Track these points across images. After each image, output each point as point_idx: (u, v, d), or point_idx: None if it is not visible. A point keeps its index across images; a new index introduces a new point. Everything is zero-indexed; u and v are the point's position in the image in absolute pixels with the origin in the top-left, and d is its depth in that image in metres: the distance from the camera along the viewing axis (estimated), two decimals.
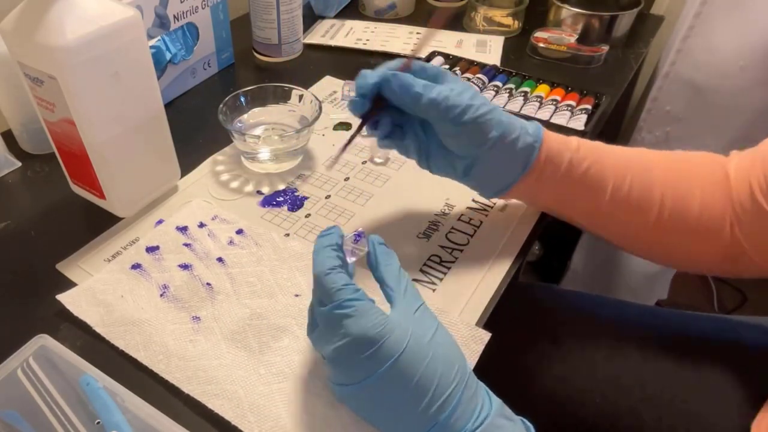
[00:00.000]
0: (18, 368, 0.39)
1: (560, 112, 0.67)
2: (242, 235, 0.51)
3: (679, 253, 0.49)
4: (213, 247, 0.50)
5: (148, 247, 0.49)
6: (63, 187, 0.54)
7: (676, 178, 0.46)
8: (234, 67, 0.79)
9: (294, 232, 0.52)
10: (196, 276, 0.47)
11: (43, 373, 0.39)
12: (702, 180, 0.46)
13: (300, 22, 0.78)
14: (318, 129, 0.65)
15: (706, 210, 0.45)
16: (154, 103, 0.50)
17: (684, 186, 0.46)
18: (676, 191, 0.46)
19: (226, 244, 0.50)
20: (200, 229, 0.51)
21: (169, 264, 0.48)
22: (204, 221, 0.52)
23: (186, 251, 0.49)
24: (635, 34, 0.86)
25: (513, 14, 0.86)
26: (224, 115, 0.57)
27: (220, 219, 0.53)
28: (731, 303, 1.34)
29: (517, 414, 0.35)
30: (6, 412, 0.37)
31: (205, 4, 0.69)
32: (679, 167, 0.47)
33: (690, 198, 0.45)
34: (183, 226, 0.52)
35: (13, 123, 0.60)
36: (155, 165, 0.53)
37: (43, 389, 0.38)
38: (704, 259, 0.48)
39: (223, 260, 0.49)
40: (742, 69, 0.84)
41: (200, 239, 0.50)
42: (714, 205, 0.45)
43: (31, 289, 0.46)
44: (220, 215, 0.53)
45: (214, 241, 0.50)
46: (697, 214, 0.45)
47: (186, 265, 0.48)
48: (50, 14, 0.40)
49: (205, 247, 0.50)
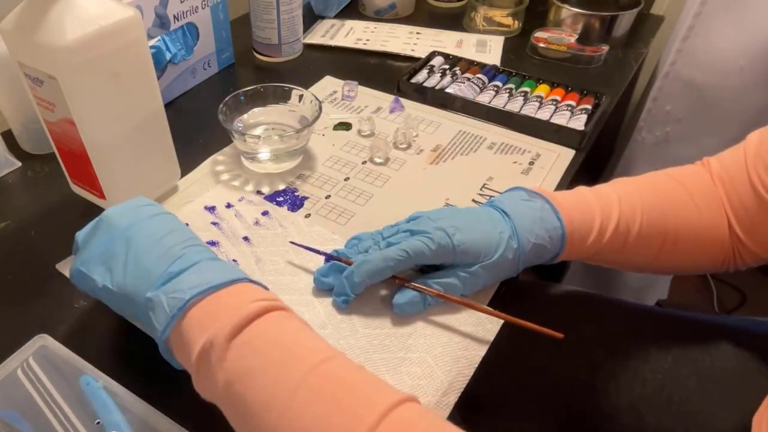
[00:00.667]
0: (18, 368, 0.39)
1: (560, 112, 0.67)
2: (268, 216, 0.53)
3: (685, 264, 0.50)
4: (239, 227, 0.52)
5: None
6: (63, 187, 0.54)
7: (674, 199, 0.47)
8: (234, 67, 0.79)
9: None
10: (222, 252, 0.49)
11: (43, 373, 0.39)
12: (696, 192, 0.47)
13: (300, 22, 0.78)
14: (318, 129, 0.65)
15: (706, 220, 0.47)
16: (154, 103, 0.50)
17: (682, 204, 0.47)
18: (676, 211, 0.47)
19: (252, 224, 0.52)
20: (227, 210, 0.53)
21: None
22: (231, 202, 0.54)
23: (213, 229, 0.51)
24: (635, 34, 0.87)
25: (513, 14, 0.86)
26: (224, 115, 0.57)
27: (246, 201, 0.55)
28: (731, 303, 1.34)
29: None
30: (6, 412, 0.37)
31: (205, 4, 0.69)
32: (672, 186, 0.48)
33: (691, 214, 0.47)
34: (211, 206, 0.54)
35: (13, 123, 0.60)
36: (155, 165, 0.53)
37: (43, 389, 0.38)
38: (707, 262, 0.49)
39: (249, 239, 0.50)
40: (742, 69, 0.84)
41: (227, 219, 0.52)
42: (712, 212, 0.47)
43: (31, 289, 0.46)
44: (246, 197, 0.55)
45: (240, 220, 0.52)
46: (700, 226, 0.47)
47: (213, 242, 0.50)
48: (50, 14, 0.40)
49: (231, 226, 0.52)
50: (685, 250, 0.48)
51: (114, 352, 0.42)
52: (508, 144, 0.63)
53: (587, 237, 0.45)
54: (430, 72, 0.74)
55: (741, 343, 0.54)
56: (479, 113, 0.67)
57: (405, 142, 0.63)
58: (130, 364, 0.41)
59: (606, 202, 0.46)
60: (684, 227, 0.47)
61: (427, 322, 0.43)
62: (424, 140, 0.64)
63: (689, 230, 0.47)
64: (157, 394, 0.39)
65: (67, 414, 0.37)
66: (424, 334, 0.42)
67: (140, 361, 0.41)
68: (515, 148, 0.63)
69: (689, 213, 0.47)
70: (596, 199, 0.46)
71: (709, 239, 0.47)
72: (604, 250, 0.46)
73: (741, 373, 0.51)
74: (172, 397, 0.39)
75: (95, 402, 0.37)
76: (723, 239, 0.47)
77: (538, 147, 0.63)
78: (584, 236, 0.45)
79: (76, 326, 0.43)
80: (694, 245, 0.48)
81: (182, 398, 0.38)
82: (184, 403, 0.38)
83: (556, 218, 0.44)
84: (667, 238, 0.47)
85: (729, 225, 0.47)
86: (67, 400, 0.38)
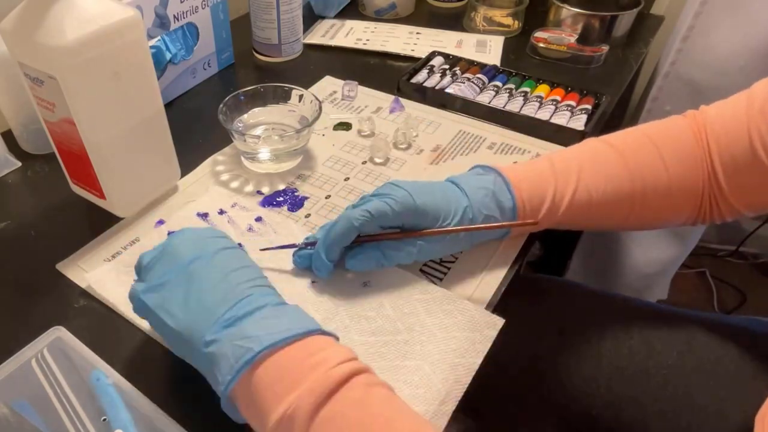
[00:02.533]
0: (33, 359, 0.40)
1: (560, 112, 0.67)
2: (261, 222, 0.52)
3: (657, 221, 0.51)
4: (233, 234, 0.51)
5: (170, 232, 0.50)
6: (63, 187, 0.54)
7: (642, 160, 0.47)
8: (234, 67, 0.79)
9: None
10: None
11: (56, 365, 0.39)
12: (666, 151, 0.47)
13: (300, 22, 0.78)
14: (318, 129, 0.65)
15: (675, 178, 0.47)
16: (154, 103, 0.50)
17: (649, 165, 0.47)
18: (643, 172, 0.47)
19: (246, 230, 0.51)
20: (220, 216, 0.53)
21: None
22: (224, 208, 0.53)
23: None
24: (635, 34, 0.86)
25: (513, 14, 0.86)
26: (224, 115, 0.57)
27: (239, 206, 0.54)
28: (731, 303, 1.34)
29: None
30: (17, 402, 0.37)
31: (205, 4, 0.69)
32: (642, 144, 0.48)
33: (659, 174, 0.47)
34: (204, 212, 0.53)
35: (13, 123, 0.60)
36: (155, 165, 0.53)
37: (54, 381, 0.39)
38: (679, 218, 0.50)
39: (243, 246, 0.50)
40: (742, 69, 0.84)
41: (220, 225, 0.52)
42: (683, 169, 0.47)
43: (31, 289, 0.46)
44: (239, 203, 0.54)
45: (233, 227, 0.52)
46: (669, 186, 0.47)
47: None
48: (50, 14, 0.40)
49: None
50: (655, 209, 0.48)
51: (127, 350, 0.42)
52: (508, 144, 0.63)
53: (539, 208, 0.46)
54: (430, 72, 0.74)
55: (743, 343, 0.54)
56: (479, 113, 0.67)
57: (405, 142, 0.63)
58: (142, 364, 0.41)
59: (564, 172, 0.47)
60: (651, 188, 0.47)
61: (423, 327, 0.43)
62: (424, 140, 0.64)
63: (657, 191, 0.47)
64: (167, 396, 0.39)
65: (76, 408, 0.37)
66: (420, 341, 0.42)
67: (153, 361, 0.41)
68: (515, 148, 0.63)
69: (657, 173, 0.47)
70: (552, 170, 0.47)
71: (679, 197, 0.47)
72: (565, 220, 0.47)
73: (743, 371, 0.51)
74: (181, 400, 0.39)
75: (103, 398, 0.37)
76: (695, 195, 0.47)
77: (538, 147, 0.63)
78: (536, 208, 0.46)
79: (76, 326, 0.43)
80: (664, 204, 0.48)
81: (191, 403, 0.38)
82: (193, 408, 0.38)
83: (507, 191, 0.46)
84: (634, 201, 0.47)
85: (710, 178, 0.46)
86: (77, 394, 0.38)
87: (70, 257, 0.49)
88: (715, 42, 0.86)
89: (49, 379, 0.39)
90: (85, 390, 0.38)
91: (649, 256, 1.04)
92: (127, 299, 0.39)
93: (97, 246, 0.50)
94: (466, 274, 0.48)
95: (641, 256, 1.04)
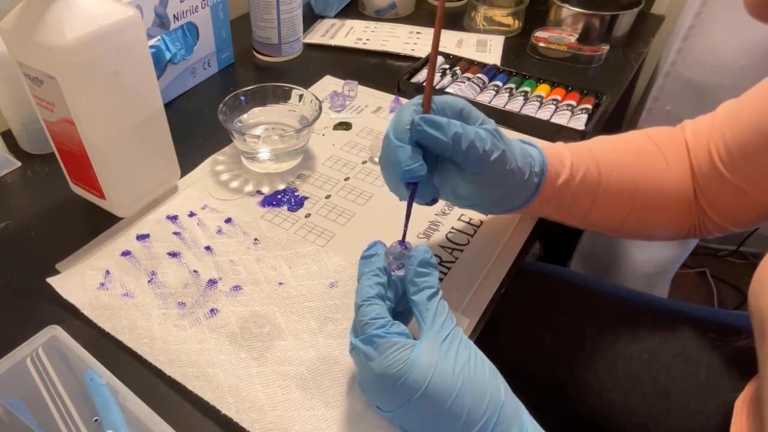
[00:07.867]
0: (27, 357, 0.40)
1: (560, 112, 0.66)
2: (230, 224, 0.52)
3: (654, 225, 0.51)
4: (201, 236, 0.51)
5: (138, 235, 0.51)
6: (63, 187, 0.54)
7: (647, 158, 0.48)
8: (234, 67, 0.79)
9: (294, 232, 0.52)
10: (183, 264, 0.48)
11: (50, 364, 0.39)
12: (669, 155, 0.48)
13: (300, 22, 0.78)
14: (318, 129, 0.65)
15: (676, 181, 0.48)
16: (154, 103, 0.50)
17: (654, 163, 0.48)
18: (647, 168, 0.48)
19: (215, 233, 0.51)
20: (190, 218, 0.53)
21: (158, 251, 0.49)
22: (194, 210, 0.54)
23: (175, 239, 0.51)
24: (636, 34, 0.86)
25: (513, 14, 0.86)
26: (224, 115, 0.57)
27: (209, 208, 0.54)
28: (731, 303, 1.34)
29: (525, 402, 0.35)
30: (10, 400, 0.37)
31: (205, 4, 0.69)
32: (646, 144, 0.49)
33: (662, 173, 0.48)
34: (173, 215, 0.53)
35: (13, 123, 0.59)
36: (155, 165, 0.53)
37: (48, 380, 0.39)
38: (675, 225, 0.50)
39: (211, 249, 0.50)
40: (743, 69, 0.84)
41: (189, 228, 0.52)
42: (682, 175, 0.48)
43: (30, 289, 0.46)
44: (210, 204, 0.54)
45: (202, 229, 0.52)
46: (670, 187, 0.48)
47: (174, 253, 0.49)
48: (50, 14, 0.40)
49: (193, 236, 0.51)
50: (653, 209, 0.48)
51: (120, 350, 0.42)
52: None
53: (559, 174, 0.45)
54: None
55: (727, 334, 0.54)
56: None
57: None
58: (136, 363, 0.41)
59: (578, 152, 0.47)
60: (654, 187, 0.47)
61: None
62: None
63: (659, 190, 0.48)
64: (161, 394, 0.39)
65: (69, 408, 0.37)
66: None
67: (147, 362, 0.41)
68: None
69: (661, 172, 0.48)
70: (567, 147, 0.48)
71: (677, 201, 0.48)
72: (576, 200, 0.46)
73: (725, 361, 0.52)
74: (174, 402, 0.39)
75: (96, 398, 0.37)
76: (690, 203, 0.48)
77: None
78: (557, 173, 0.45)
79: (74, 327, 0.43)
80: (663, 206, 0.48)
81: (184, 405, 0.38)
82: (185, 410, 0.38)
83: (536, 150, 0.45)
84: (636, 196, 0.47)
85: (694, 190, 0.48)
86: (70, 393, 0.38)
87: (70, 257, 0.49)
88: (715, 42, 0.86)
89: (43, 378, 0.39)
90: (79, 390, 0.38)
91: (650, 256, 1.04)
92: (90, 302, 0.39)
93: (97, 246, 0.50)
94: (466, 274, 0.48)
95: (641, 256, 1.04)
